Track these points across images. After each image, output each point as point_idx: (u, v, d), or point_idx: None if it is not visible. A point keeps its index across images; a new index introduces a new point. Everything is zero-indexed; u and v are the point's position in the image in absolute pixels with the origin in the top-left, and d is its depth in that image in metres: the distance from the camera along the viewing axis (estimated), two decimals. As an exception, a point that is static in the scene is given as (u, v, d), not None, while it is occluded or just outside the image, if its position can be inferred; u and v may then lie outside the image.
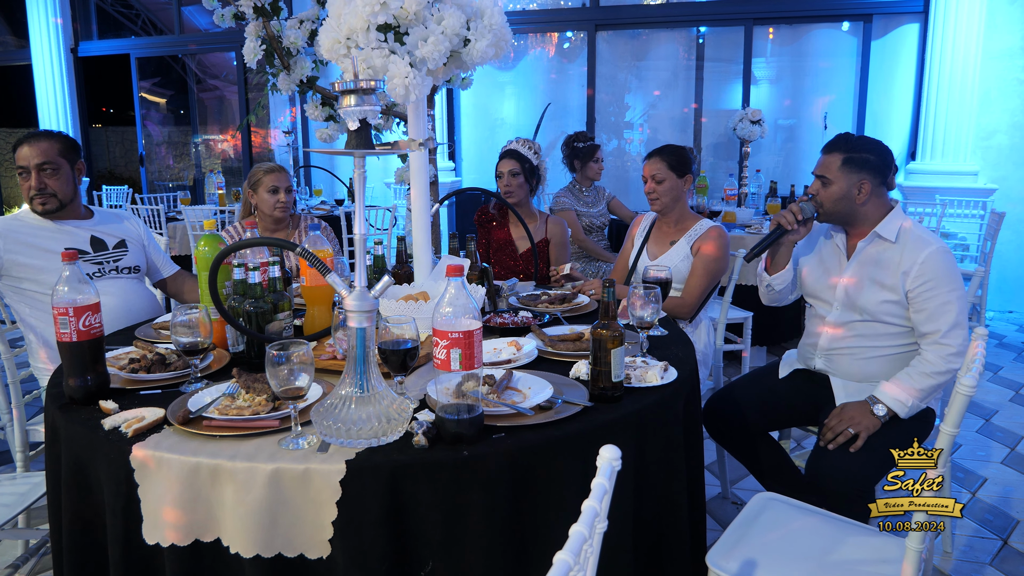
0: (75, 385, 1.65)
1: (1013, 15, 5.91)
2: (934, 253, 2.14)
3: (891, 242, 2.22)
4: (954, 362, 2.13)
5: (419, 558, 1.38)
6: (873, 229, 2.25)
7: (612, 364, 1.61)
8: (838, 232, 2.36)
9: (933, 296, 2.13)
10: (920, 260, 2.14)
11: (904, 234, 2.21)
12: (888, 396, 2.14)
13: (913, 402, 2.13)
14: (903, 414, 2.14)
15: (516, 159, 3.41)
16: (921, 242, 2.17)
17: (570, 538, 0.86)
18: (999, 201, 5.95)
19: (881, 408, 2.13)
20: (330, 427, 1.40)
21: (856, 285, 2.27)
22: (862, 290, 2.26)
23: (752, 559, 1.74)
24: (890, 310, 2.22)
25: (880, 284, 2.22)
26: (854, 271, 2.28)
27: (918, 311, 2.17)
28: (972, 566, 2.53)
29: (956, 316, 2.13)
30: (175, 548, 1.39)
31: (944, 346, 2.13)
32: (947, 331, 2.12)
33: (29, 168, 2.53)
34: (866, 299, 2.24)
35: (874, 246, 2.26)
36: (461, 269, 1.45)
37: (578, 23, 7.36)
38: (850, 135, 2.30)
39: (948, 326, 2.12)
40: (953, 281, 2.14)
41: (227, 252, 1.81)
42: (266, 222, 3.26)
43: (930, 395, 2.16)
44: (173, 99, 11.92)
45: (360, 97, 1.42)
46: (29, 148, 2.53)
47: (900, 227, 2.22)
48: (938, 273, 2.13)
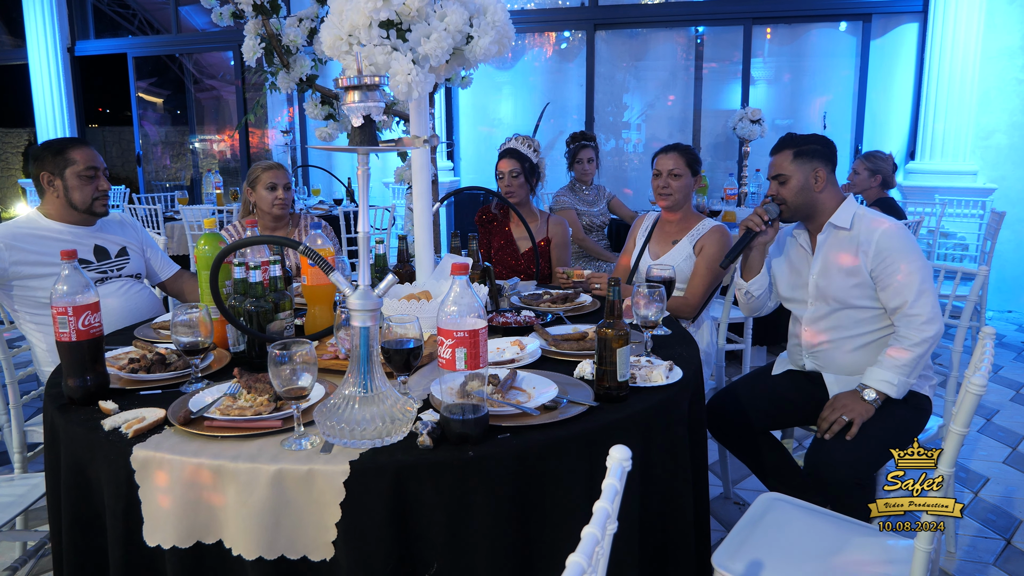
0: (74, 385, 1.63)
1: (1012, 15, 5.91)
2: (887, 230, 2.20)
3: (846, 229, 2.28)
4: (927, 329, 2.14)
5: (424, 559, 1.37)
6: (828, 221, 2.31)
7: (617, 363, 1.60)
8: (801, 231, 2.42)
9: (893, 270, 2.18)
10: (875, 238, 2.20)
11: (857, 219, 2.28)
12: (875, 379, 2.17)
13: (900, 379, 2.15)
14: (894, 394, 2.16)
15: (516, 159, 3.40)
16: (873, 222, 2.24)
17: (583, 540, 0.85)
18: (998, 201, 5.95)
19: (871, 393, 2.16)
20: (333, 427, 1.38)
21: (824, 276, 2.32)
22: (830, 279, 2.30)
23: (758, 560, 1.73)
24: (859, 293, 2.26)
25: (845, 270, 2.27)
26: (820, 263, 2.33)
27: (883, 288, 2.21)
28: (976, 566, 2.52)
29: (919, 284, 2.15)
30: (176, 550, 1.38)
31: (914, 316, 2.16)
32: (913, 301, 2.15)
33: (98, 170, 2.59)
34: (835, 288, 2.29)
35: (833, 236, 2.32)
36: (466, 268, 1.44)
37: (576, 23, 7.35)
38: (792, 134, 2.41)
39: (914, 295, 2.15)
40: (910, 252, 2.18)
41: (228, 251, 1.80)
42: (265, 220, 3.24)
43: (915, 369, 2.17)
44: (170, 99, 11.89)
45: (364, 93, 1.41)
46: (92, 151, 2.59)
47: (853, 214, 2.29)
48: (893, 246, 2.18)
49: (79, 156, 2.55)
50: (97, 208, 2.61)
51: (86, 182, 2.56)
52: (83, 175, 2.55)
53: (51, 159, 2.54)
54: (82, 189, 2.56)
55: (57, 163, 2.53)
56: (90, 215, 2.62)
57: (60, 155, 2.53)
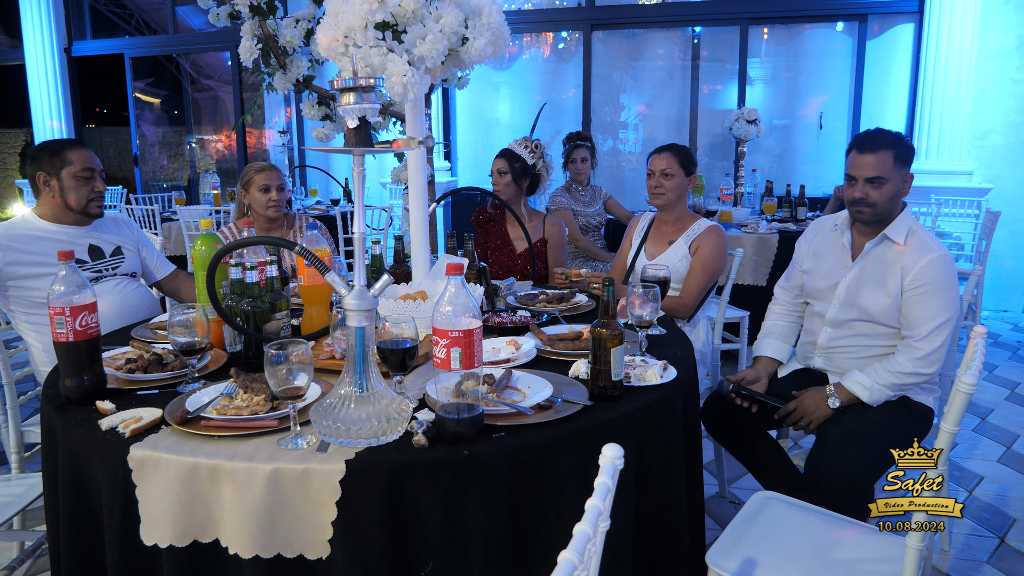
0: (71, 385, 1.64)
1: (1007, 15, 5.93)
2: (937, 259, 2.14)
3: (899, 244, 2.22)
4: (921, 366, 2.15)
5: (419, 558, 1.38)
6: (883, 231, 2.24)
7: (612, 363, 1.61)
8: (845, 231, 2.36)
9: (923, 302, 2.15)
10: (921, 263, 2.14)
11: (911, 236, 2.21)
12: (852, 380, 2.21)
13: (878, 391, 2.18)
14: (866, 399, 2.19)
15: (507, 159, 3.40)
16: (925, 247, 2.17)
17: (574, 537, 0.86)
18: (993, 200, 5.97)
19: (835, 401, 2.22)
20: (329, 427, 1.39)
21: (858, 284, 2.28)
22: (863, 290, 2.27)
23: (752, 558, 1.74)
24: (888, 312, 2.23)
25: (882, 286, 2.23)
26: (858, 271, 2.29)
27: (905, 311, 2.19)
28: (970, 564, 2.53)
29: (937, 326, 2.14)
30: (173, 549, 1.38)
31: (914, 349, 2.16)
32: (924, 336, 2.15)
33: (94, 171, 2.60)
34: (866, 299, 2.25)
35: (882, 247, 2.26)
36: (461, 268, 1.44)
37: (573, 23, 7.36)
38: (884, 131, 2.22)
39: (926, 332, 2.14)
40: (946, 291, 2.15)
41: (225, 251, 1.80)
42: (260, 222, 3.24)
43: (897, 391, 2.20)
44: (167, 99, 11.87)
45: (359, 95, 1.42)
46: (89, 152, 2.60)
47: (908, 230, 2.22)
48: (935, 281, 2.14)
49: (76, 157, 2.56)
50: (92, 209, 2.62)
51: (82, 183, 2.56)
52: (79, 176, 2.55)
53: (48, 160, 2.54)
54: (78, 190, 2.56)
55: (54, 164, 2.54)
56: (85, 216, 2.62)
57: (57, 156, 2.54)
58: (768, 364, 2.53)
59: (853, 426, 2.16)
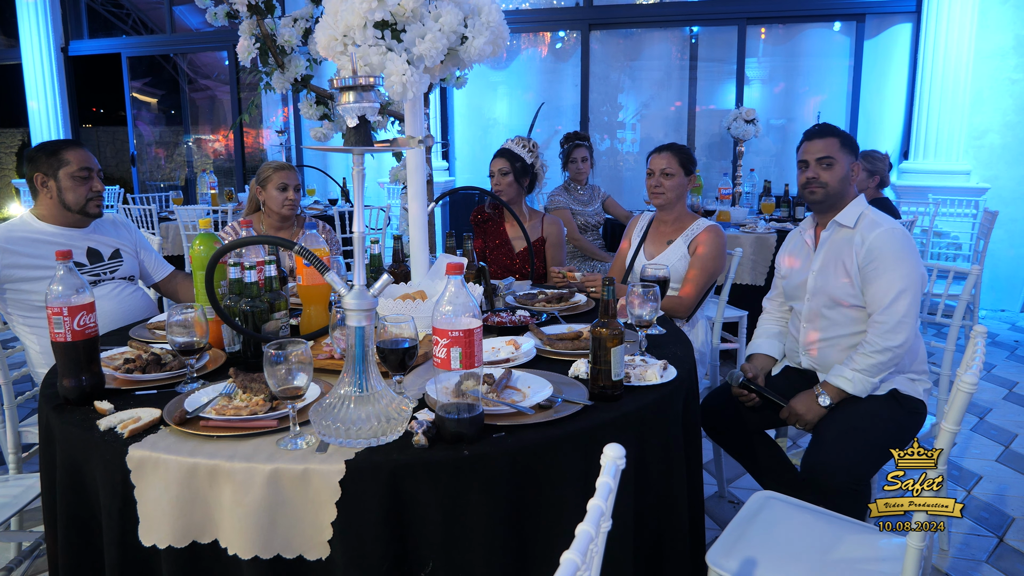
0: (70, 386, 1.63)
1: (1005, 15, 5.94)
2: (885, 232, 2.21)
3: (849, 227, 2.29)
4: (890, 339, 2.15)
5: (419, 558, 1.37)
6: (833, 218, 2.33)
7: (612, 363, 1.60)
8: (808, 227, 2.45)
9: (879, 275, 2.19)
10: (871, 238, 2.21)
11: (862, 219, 2.29)
12: (836, 375, 2.23)
13: (859, 379, 2.19)
14: (852, 391, 2.21)
15: (507, 158, 3.40)
16: (874, 224, 2.25)
17: (577, 537, 0.85)
18: (991, 200, 5.97)
19: (825, 399, 2.23)
20: (329, 427, 1.39)
21: (822, 273, 2.34)
22: (828, 276, 2.32)
23: (752, 558, 1.74)
24: (850, 292, 2.27)
25: (841, 268, 2.29)
26: (820, 260, 2.36)
27: (865, 288, 2.23)
28: (969, 564, 2.54)
29: (896, 296, 2.16)
30: (172, 550, 1.38)
31: (880, 323, 2.17)
32: (884, 308, 2.17)
33: (92, 171, 2.58)
34: (830, 285, 2.31)
35: (836, 233, 2.34)
36: (461, 267, 1.44)
37: (571, 22, 7.36)
38: (831, 124, 2.40)
39: (887, 303, 2.16)
40: (900, 260, 2.17)
41: (224, 251, 1.80)
42: (273, 219, 3.25)
43: (878, 373, 2.20)
44: (164, 99, 11.86)
45: (359, 94, 1.41)
46: (86, 152, 2.58)
47: (860, 214, 2.30)
48: (885, 251, 2.18)
49: (72, 157, 2.54)
50: (91, 209, 2.60)
51: (80, 183, 2.55)
52: (76, 176, 2.54)
53: (45, 160, 2.53)
54: (75, 190, 2.55)
55: (51, 164, 2.53)
56: (84, 216, 2.61)
57: (54, 156, 2.53)
58: (764, 362, 2.54)
59: (847, 422, 2.17)
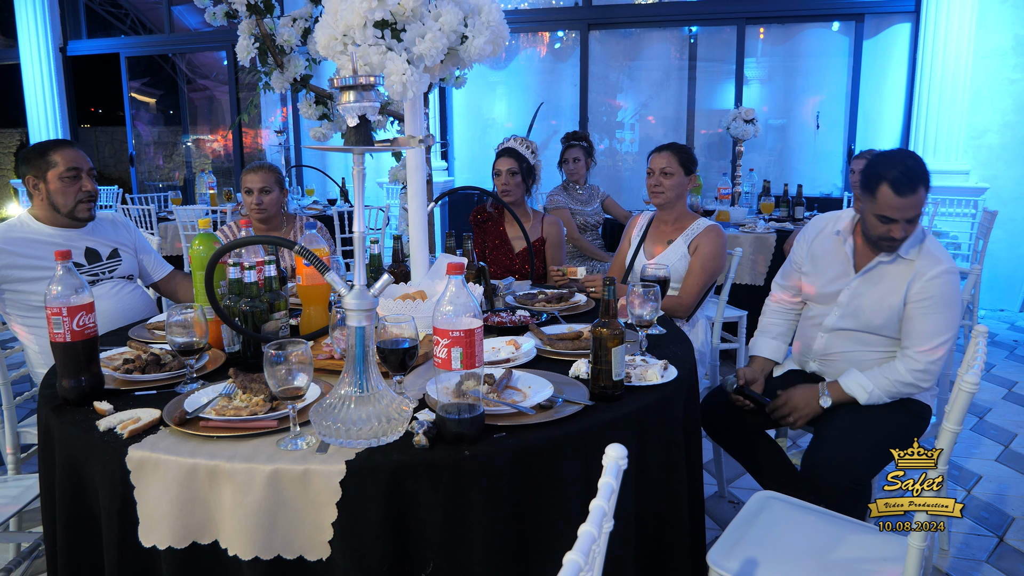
0: (69, 386, 1.62)
1: (1004, 15, 5.94)
2: (943, 273, 2.14)
3: (911, 260, 2.20)
4: (920, 379, 2.16)
5: (420, 559, 1.37)
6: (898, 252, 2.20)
7: (613, 363, 1.60)
8: (848, 237, 2.33)
9: (927, 315, 2.15)
10: (929, 275, 2.14)
11: (921, 247, 2.21)
12: (852, 381, 2.21)
13: (877, 395, 2.19)
14: (863, 400, 2.20)
15: (515, 158, 3.40)
16: (933, 259, 2.17)
17: (579, 538, 0.85)
18: (990, 200, 5.98)
19: (827, 400, 2.22)
20: (329, 427, 1.38)
21: (861, 294, 2.27)
22: (866, 300, 2.26)
23: (753, 558, 1.74)
24: (889, 323, 2.23)
25: (885, 297, 2.22)
26: (862, 281, 2.28)
27: (908, 321, 2.19)
28: (969, 563, 2.53)
29: (939, 343, 2.15)
30: (172, 550, 1.37)
31: (914, 361, 2.17)
32: (924, 349, 2.15)
33: (81, 170, 2.52)
34: (869, 310, 2.25)
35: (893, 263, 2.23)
36: (462, 267, 1.44)
37: (570, 22, 7.36)
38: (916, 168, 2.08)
39: (929, 347, 2.15)
40: (951, 309, 2.15)
41: (223, 251, 1.79)
42: (253, 222, 3.24)
43: (895, 397, 2.20)
44: (163, 99, 11.85)
45: (359, 93, 1.41)
46: (75, 152, 2.52)
47: (919, 241, 2.21)
48: (942, 296, 2.14)
49: (60, 158, 2.50)
50: (80, 212, 2.55)
51: (68, 184, 2.51)
52: (65, 177, 2.50)
53: (35, 162, 2.50)
54: (64, 192, 2.50)
55: (39, 166, 2.50)
56: (73, 220, 2.56)
57: (42, 158, 2.50)
58: (764, 364, 2.53)
59: (850, 423, 2.16)
